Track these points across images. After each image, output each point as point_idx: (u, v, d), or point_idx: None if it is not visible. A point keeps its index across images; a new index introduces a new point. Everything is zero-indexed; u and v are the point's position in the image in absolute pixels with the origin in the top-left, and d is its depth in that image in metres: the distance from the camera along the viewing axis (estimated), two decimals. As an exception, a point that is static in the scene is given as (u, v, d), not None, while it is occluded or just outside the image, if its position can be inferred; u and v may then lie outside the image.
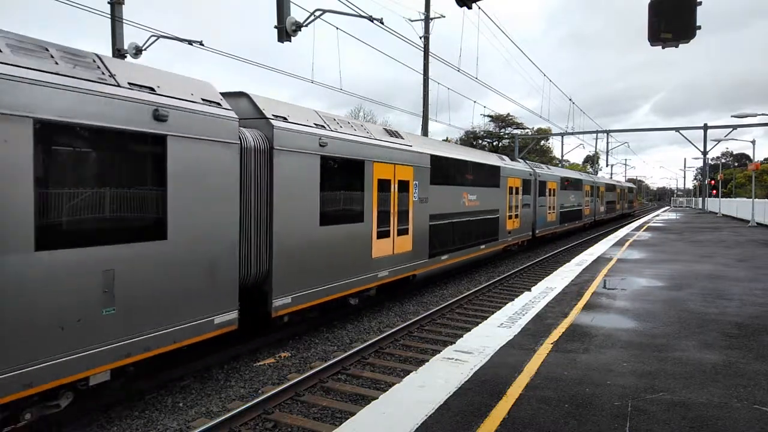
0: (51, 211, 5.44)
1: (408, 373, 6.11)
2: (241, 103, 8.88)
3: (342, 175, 10.48)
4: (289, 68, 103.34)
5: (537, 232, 25.46)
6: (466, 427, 4.25)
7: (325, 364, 8.12)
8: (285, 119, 9.12)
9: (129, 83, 6.37)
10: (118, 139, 6.12)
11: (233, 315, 7.77)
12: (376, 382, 7.94)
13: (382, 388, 7.47)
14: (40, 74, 5.38)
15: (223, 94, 8.15)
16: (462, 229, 16.50)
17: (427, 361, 6.01)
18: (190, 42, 14.07)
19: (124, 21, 13.46)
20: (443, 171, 15.05)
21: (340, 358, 8.47)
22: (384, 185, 11.91)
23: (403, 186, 12.78)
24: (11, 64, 5.17)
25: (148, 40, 14.14)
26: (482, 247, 18.36)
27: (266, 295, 8.71)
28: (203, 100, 7.35)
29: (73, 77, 5.69)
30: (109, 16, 13.34)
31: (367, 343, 9.35)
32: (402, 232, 12.78)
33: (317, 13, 12.81)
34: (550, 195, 27.51)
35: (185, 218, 6.92)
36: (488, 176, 18.95)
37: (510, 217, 21.27)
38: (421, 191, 13.71)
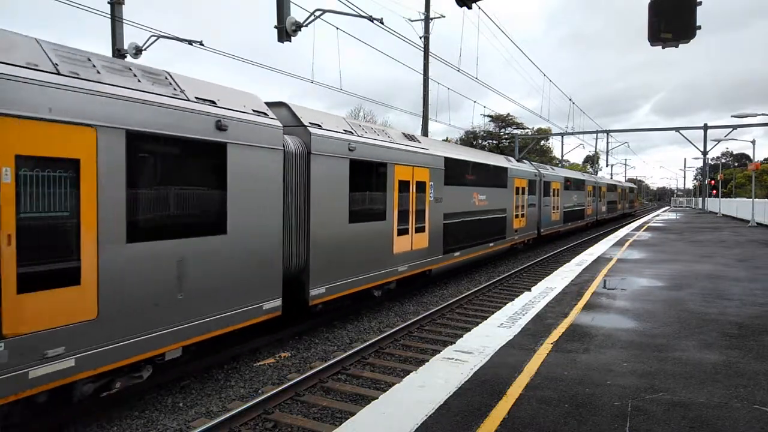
0: (138, 208, 6.40)
1: (408, 373, 6.11)
2: (282, 112, 9.75)
3: (368, 176, 11.44)
4: (289, 68, 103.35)
5: (542, 230, 26.22)
6: (466, 427, 4.24)
7: (325, 364, 8.12)
8: (319, 126, 10.04)
9: (196, 97, 7.29)
10: (188, 146, 7.06)
11: (278, 302, 8.73)
12: (376, 382, 7.94)
13: (382, 388, 7.47)
14: (130, 92, 6.30)
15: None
16: (473, 228, 17.32)
17: (427, 361, 6.01)
18: (190, 42, 14.06)
19: (124, 21, 13.46)
20: (456, 172, 15.91)
21: (340, 358, 8.47)
22: (403, 186, 12.83)
23: (421, 187, 13.68)
24: (108, 84, 6.11)
25: (148, 40, 14.14)
26: (491, 244, 19.24)
27: (303, 285, 9.66)
28: (254, 111, 8.29)
29: (153, 93, 6.63)
30: (109, 16, 13.34)
31: (367, 343, 9.35)
32: (419, 229, 13.70)
33: (317, 13, 12.81)
34: (554, 195, 28.35)
35: (241, 215, 7.90)
36: (496, 177, 19.86)
37: (517, 216, 22.13)
38: (436, 191, 14.59)
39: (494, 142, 68.76)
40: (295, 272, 9.50)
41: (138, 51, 14.06)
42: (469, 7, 6.48)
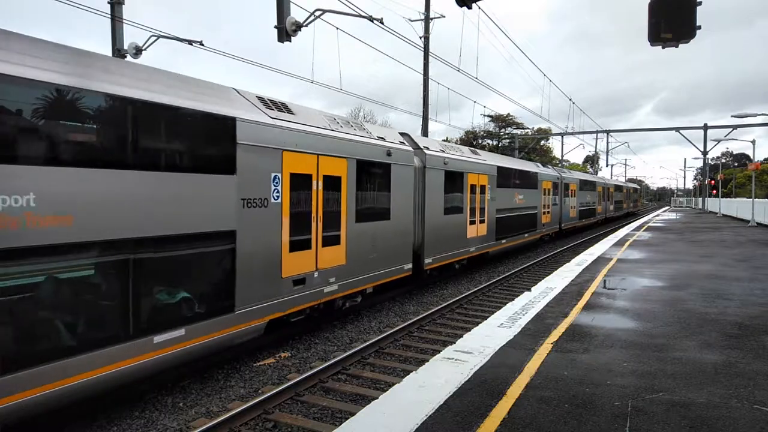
0: (359, 203, 10.84)
1: (408, 373, 6.10)
2: (406, 139, 14.01)
3: (453, 182, 15.87)
4: (289, 68, 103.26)
5: (562, 225, 30.21)
6: (466, 427, 4.24)
7: (325, 364, 8.12)
8: (428, 148, 14.60)
9: (377, 136, 11.89)
10: (375, 167, 11.60)
11: (410, 265, 13.38)
12: (376, 382, 7.94)
13: (382, 388, 7.46)
14: (354, 136, 10.78)
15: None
16: (514, 221, 21.68)
17: (427, 361, 6.01)
18: (190, 42, 14.05)
19: (124, 21, 13.45)
20: (504, 177, 20.40)
21: (340, 358, 8.47)
22: (473, 189, 17.42)
23: (483, 189, 18.29)
24: (345, 132, 10.53)
25: (148, 40, 14.13)
26: (526, 235, 23.49)
27: (420, 256, 14.08)
28: (399, 141, 12.95)
29: (361, 136, 11.11)
30: (109, 16, 13.33)
31: (367, 343, 9.35)
32: (482, 221, 18.28)
33: (317, 13, 12.80)
34: (571, 195, 32.47)
35: (396, 208, 12.48)
36: (530, 180, 24.35)
37: (544, 212, 26.44)
38: (492, 192, 19.07)
39: (494, 142, 68.72)
40: (416, 247, 13.83)
41: (138, 51, 14.05)
42: (469, 7, 6.48)
